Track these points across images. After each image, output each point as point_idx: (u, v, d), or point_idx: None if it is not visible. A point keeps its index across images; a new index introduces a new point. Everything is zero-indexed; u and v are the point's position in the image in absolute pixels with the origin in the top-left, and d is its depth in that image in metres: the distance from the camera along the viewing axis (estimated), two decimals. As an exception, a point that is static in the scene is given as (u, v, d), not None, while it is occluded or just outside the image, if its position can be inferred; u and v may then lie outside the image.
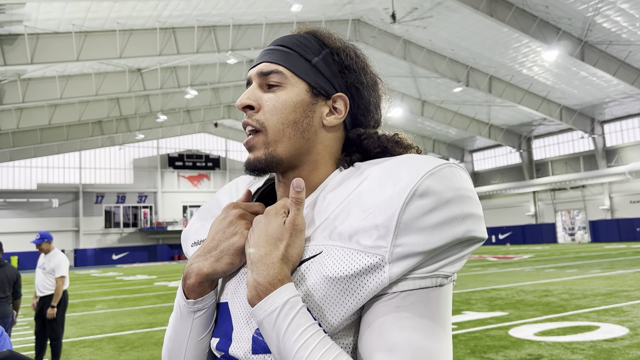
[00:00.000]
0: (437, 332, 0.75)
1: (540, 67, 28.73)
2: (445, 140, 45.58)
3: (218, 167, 50.35)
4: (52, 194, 43.61)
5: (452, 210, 0.74)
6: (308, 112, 0.90)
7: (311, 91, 0.90)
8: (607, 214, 37.88)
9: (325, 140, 0.92)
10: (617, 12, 22.41)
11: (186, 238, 1.06)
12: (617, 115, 35.98)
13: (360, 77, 0.94)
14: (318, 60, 0.91)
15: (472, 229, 0.76)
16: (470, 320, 8.06)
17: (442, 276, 0.77)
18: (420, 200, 0.73)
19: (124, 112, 31.36)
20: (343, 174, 0.88)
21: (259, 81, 0.92)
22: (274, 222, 0.82)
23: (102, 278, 24.80)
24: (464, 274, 16.14)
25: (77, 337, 8.43)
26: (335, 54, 0.93)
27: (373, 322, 0.75)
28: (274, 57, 0.91)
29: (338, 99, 0.92)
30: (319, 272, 0.78)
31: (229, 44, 22.78)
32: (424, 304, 0.75)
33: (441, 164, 0.77)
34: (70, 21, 20.21)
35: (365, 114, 0.95)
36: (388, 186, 0.77)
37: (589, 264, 17.51)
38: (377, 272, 0.74)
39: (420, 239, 0.73)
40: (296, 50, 0.91)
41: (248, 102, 0.90)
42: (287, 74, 0.90)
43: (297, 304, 0.75)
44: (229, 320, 0.88)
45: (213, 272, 0.87)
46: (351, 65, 0.94)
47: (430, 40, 26.45)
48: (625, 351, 5.67)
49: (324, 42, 0.94)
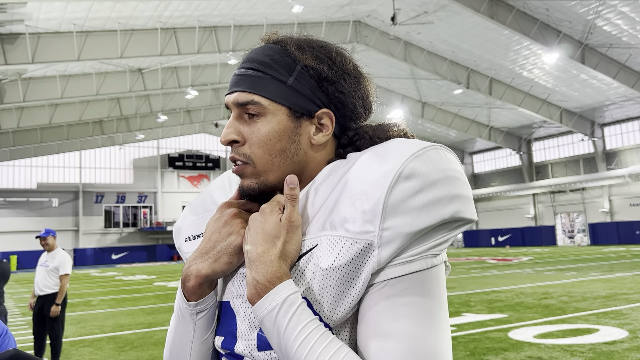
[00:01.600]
0: (432, 318, 0.74)
1: (540, 69, 28.75)
2: (446, 142, 45.58)
3: (218, 168, 50.36)
4: (52, 193, 43.61)
5: (439, 191, 0.74)
6: (294, 137, 0.87)
7: (293, 115, 0.87)
8: (606, 217, 37.88)
9: (317, 157, 0.90)
10: (617, 15, 22.44)
11: (178, 233, 1.04)
12: (617, 118, 36.00)
13: (341, 85, 0.89)
14: (293, 80, 0.87)
15: (460, 209, 0.75)
16: (470, 322, 8.06)
17: (430, 256, 0.76)
18: (406, 183, 0.73)
19: (125, 112, 31.38)
20: (331, 165, 0.88)
21: (237, 112, 0.89)
22: (270, 219, 0.82)
23: (101, 278, 24.79)
24: (464, 276, 16.15)
25: (77, 337, 8.43)
26: (310, 68, 0.88)
27: (367, 314, 0.75)
28: (248, 85, 0.87)
29: (323, 116, 0.89)
30: (315, 265, 0.78)
31: (230, 45, 22.80)
32: (416, 289, 0.74)
33: (427, 146, 0.77)
34: (72, 21, 20.23)
35: (353, 117, 0.92)
36: (374, 170, 0.77)
37: (589, 267, 17.52)
38: (368, 257, 0.74)
39: (407, 220, 0.73)
40: (268, 73, 0.87)
41: (232, 137, 0.88)
42: (265, 103, 0.86)
43: (296, 300, 0.75)
44: (233, 318, 0.88)
45: (212, 273, 0.86)
46: (328, 75, 0.88)
47: (431, 42, 26.47)
48: (624, 354, 5.68)
49: (295, 56, 0.89)
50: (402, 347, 0.71)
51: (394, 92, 34.16)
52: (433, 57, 27.77)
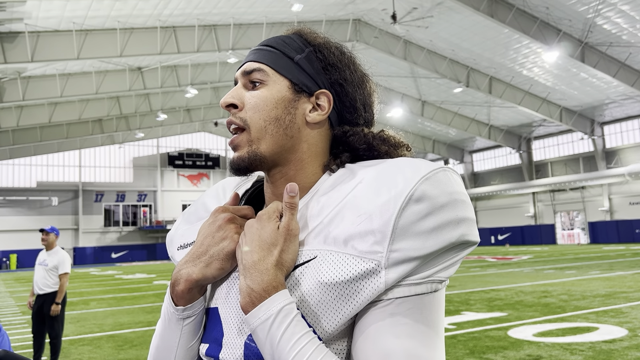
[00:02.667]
0: (432, 339, 0.75)
1: (540, 68, 28.74)
2: (445, 140, 45.59)
3: (218, 166, 50.38)
4: (52, 192, 43.62)
5: (447, 215, 0.74)
6: (290, 109, 0.89)
7: (293, 88, 0.90)
8: (606, 216, 37.90)
9: (309, 138, 0.90)
10: (617, 14, 22.43)
11: (171, 242, 1.03)
12: (617, 116, 36.00)
13: (345, 74, 0.93)
14: (301, 58, 0.91)
15: (466, 232, 0.76)
16: (470, 320, 8.07)
17: (437, 281, 0.76)
18: (416, 205, 0.73)
19: (124, 110, 31.37)
20: (335, 176, 0.87)
21: (243, 81, 0.92)
22: (268, 226, 0.81)
23: (101, 276, 24.80)
24: (463, 275, 16.16)
25: (76, 336, 8.43)
26: (318, 52, 0.93)
27: (367, 329, 0.75)
28: (258, 57, 0.92)
29: (321, 96, 0.91)
30: (314, 278, 0.77)
31: (230, 43, 22.79)
32: (419, 310, 0.75)
33: (435, 169, 0.77)
34: (71, 19, 20.21)
35: (351, 111, 0.93)
36: (383, 191, 0.76)
37: (588, 265, 17.52)
38: (373, 278, 0.73)
39: (417, 243, 0.73)
40: (279, 49, 0.92)
41: (231, 100, 0.90)
42: (269, 72, 0.90)
43: (291, 311, 0.74)
44: (220, 325, 0.86)
45: (203, 277, 0.85)
46: (335, 62, 0.93)
47: (431, 40, 26.45)
48: (624, 352, 5.68)
49: (308, 40, 0.94)
50: None
51: (394, 91, 34.14)
52: (433, 55, 27.76)
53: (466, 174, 47.44)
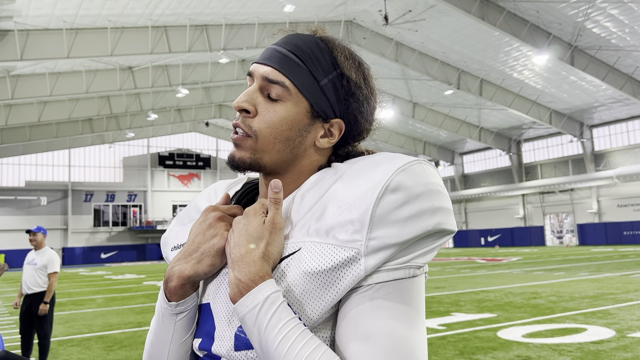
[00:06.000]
0: (412, 320, 0.78)
1: (530, 71, 28.95)
2: (436, 142, 45.77)
3: (209, 167, 50.22)
4: (41, 191, 43.26)
5: (423, 204, 0.77)
6: (303, 132, 0.90)
7: (311, 112, 0.90)
8: (594, 218, 38.22)
9: (312, 156, 0.93)
10: (606, 18, 22.64)
11: (166, 243, 1.06)
12: (606, 119, 36.33)
13: (362, 107, 0.93)
14: (326, 83, 0.90)
15: (442, 221, 0.79)
16: (459, 321, 8.10)
17: (414, 267, 0.79)
18: (393, 195, 0.77)
19: (115, 110, 31.19)
20: (319, 173, 0.90)
21: (261, 83, 0.90)
22: (254, 221, 0.84)
23: (90, 277, 24.63)
24: (453, 276, 16.22)
25: (65, 336, 8.37)
26: (345, 79, 0.91)
27: (349, 313, 0.78)
28: (284, 67, 0.89)
29: (335, 124, 0.92)
30: (298, 268, 0.80)
31: (221, 44, 22.74)
32: (398, 294, 0.78)
33: (411, 161, 0.80)
34: (61, 18, 20.07)
35: (357, 137, 0.97)
36: (361, 183, 0.79)
37: (577, 267, 17.66)
38: (354, 265, 0.76)
39: (394, 231, 0.76)
40: (307, 66, 0.89)
41: (245, 106, 0.89)
42: (293, 90, 0.88)
43: (277, 299, 0.77)
44: (211, 320, 0.89)
45: (195, 274, 0.88)
46: (355, 92, 0.92)
47: (422, 42, 26.56)
48: (611, 353, 5.73)
49: (336, 59, 0.91)
50: (382, 346, 0.74)
51: (385, 93, 34.18)
52: (424, 57, 27.87)
53: (457, 176, 47.65)
